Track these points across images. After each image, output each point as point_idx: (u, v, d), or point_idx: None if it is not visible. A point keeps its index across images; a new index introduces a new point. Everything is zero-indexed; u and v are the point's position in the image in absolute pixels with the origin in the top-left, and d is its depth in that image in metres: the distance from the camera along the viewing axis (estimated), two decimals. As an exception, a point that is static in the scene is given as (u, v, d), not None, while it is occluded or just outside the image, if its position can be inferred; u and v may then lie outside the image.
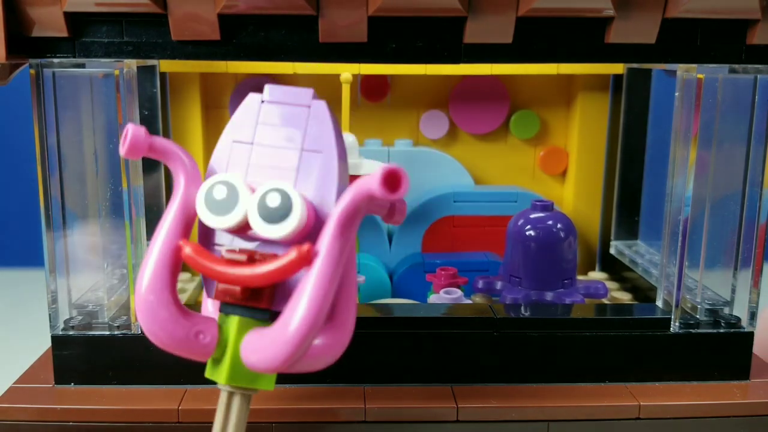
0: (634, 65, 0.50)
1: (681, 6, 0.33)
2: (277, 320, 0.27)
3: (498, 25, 0.33)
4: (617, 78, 0.52)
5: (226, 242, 0.29)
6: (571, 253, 0.43)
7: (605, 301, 0.45)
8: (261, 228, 0.27)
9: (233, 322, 0.28)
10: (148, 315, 0.27)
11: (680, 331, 0.38)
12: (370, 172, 0.44)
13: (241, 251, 0.28)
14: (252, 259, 0.28)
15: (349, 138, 0.46)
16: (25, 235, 0.91)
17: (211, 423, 0.33)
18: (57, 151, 0.36)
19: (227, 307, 0.28)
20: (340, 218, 0.27)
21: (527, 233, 0.43)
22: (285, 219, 0.27)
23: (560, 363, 0.38)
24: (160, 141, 0.28)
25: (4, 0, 0.32)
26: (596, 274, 0.53)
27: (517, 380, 0.37)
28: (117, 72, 0.35)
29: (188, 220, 0.29)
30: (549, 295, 0.42)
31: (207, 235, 0.30)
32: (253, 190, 0.28)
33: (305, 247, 0.26)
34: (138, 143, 0.28)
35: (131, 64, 0.35)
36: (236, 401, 0.29)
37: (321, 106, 0.30)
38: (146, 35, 0.34)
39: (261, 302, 0.28)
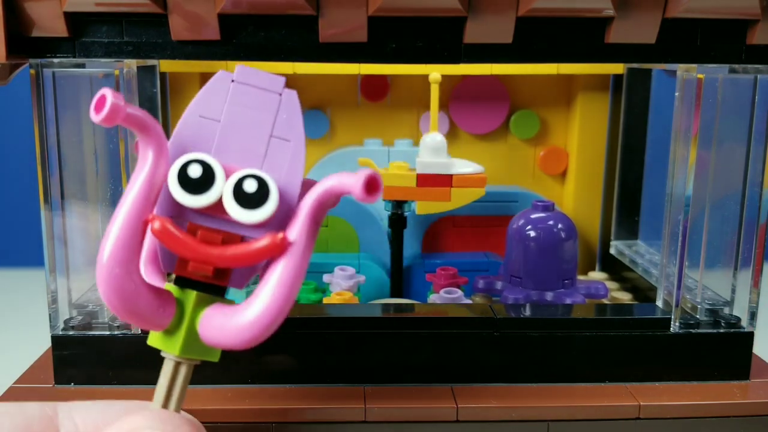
0: (634, 65, 0.50)
1: (681, 6, 0.33)
2: (246, 302, 0.27)
3: (498, 25, 0.33)
4: (617, 78, 0.52)
5: (186, 217, 0.29)
6: (571, 253, 0.43)
7: (605, 301, 0.45)
8: (235, 212, 0.28)
9: (190, 296, 0.29)
10: (114, 287, 0.27)
11: (680, 331, 0.38)
12: (462, 171, 0.45)
13: (209, 230, 0.28)
14: (227, 240, 0.28)
15: (437, 137, 0.46)
16: (25, 235, 0.91)
17: (211, 423, 0.33)
18: (57, 151, 0.36)
19: (185, 281, 0.29)
20: (312, 210, 0.28)
21: (528, 233, 0.43)
22: (261, 205, 0.28)
23: (560, 363, 0.37)
24: (136, 109, 0.27)
25: (4, 0, 0.32)
26: (596, 274, 0.53)
27: (517, 380, 0.37)
28: (117, 72, 0.35)
29: (155, 195, 0.28)
30: (549, 296, 0.42)
31: (167, 209, 0.29)
32: (226, 170, 0.28)
33: (280, 235, 0.27)
34: (117, 109, 0.26)
35: (131, 64, 0.35)
36: (183, 370, 0.29)
37: (292, 95, 0.30)
38: (146, 35, 0.34)
39: (225, 281, 0.29)
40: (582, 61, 0.35)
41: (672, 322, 0.38)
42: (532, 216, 0.43)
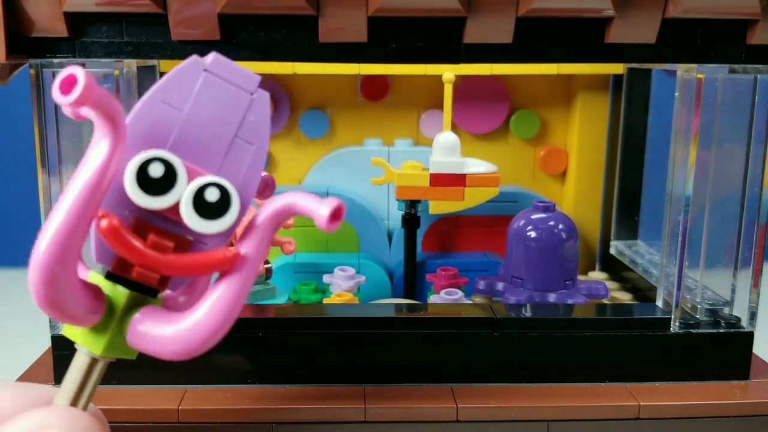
0: (634, 65, 0.50)
1: (681, 6, 0.33)
2: (185, 314, 0.26)
3: (498, 25, 0.33)
4: (617, 78, 0.52)
5: (133, 212, 0.27)
6: (572, 253, 0.43)
7: (605, 301, 0.45)
8: (192, 220, 0.26)
9: (122, 296, 0.27)
10: (50, 286, 0.24)
11: (680, 331, 0.38)
12: (475, 171, 0.46)
13: (161, 236, 0.27)
14: (179, 247, 0.27)
15: (450, 137, 0.46)
16: (25, 235, 0.91)
17: (211, 423, 0.33)
18: (57, 151, 0.36)
19: (119, 279, 0.27)
20: (268, 227, 0.27)
21: (529, 234, 0.43)
22: (220, 216, 0.26)
23: (560, 363, 0.37)
24: (104, 92, 0.24)
25: (4, 0, 0.32)
26: (596, 274, 0.53)
27: (517, 380, 0.37)
28: (117, 72, 0.35)
29: (107, 187, 0.25)
30: (551, 297, 0.42)
31: (113, 200, 0.27)
32: (188, 172, 0.26)
33: (233, 250, 0.26)
34: (91, 90, 0.23)
35: (131, 64, 0.35)
36: (98, 367, 0.27)
37: (264, 97, 0.28)
38: (146, 35, 0.34)
39: (164, 286, 0.27)
40: (582, 61, 0.35)
41: (672, 322, 0.38)
42: (533, 216, 0.43)
